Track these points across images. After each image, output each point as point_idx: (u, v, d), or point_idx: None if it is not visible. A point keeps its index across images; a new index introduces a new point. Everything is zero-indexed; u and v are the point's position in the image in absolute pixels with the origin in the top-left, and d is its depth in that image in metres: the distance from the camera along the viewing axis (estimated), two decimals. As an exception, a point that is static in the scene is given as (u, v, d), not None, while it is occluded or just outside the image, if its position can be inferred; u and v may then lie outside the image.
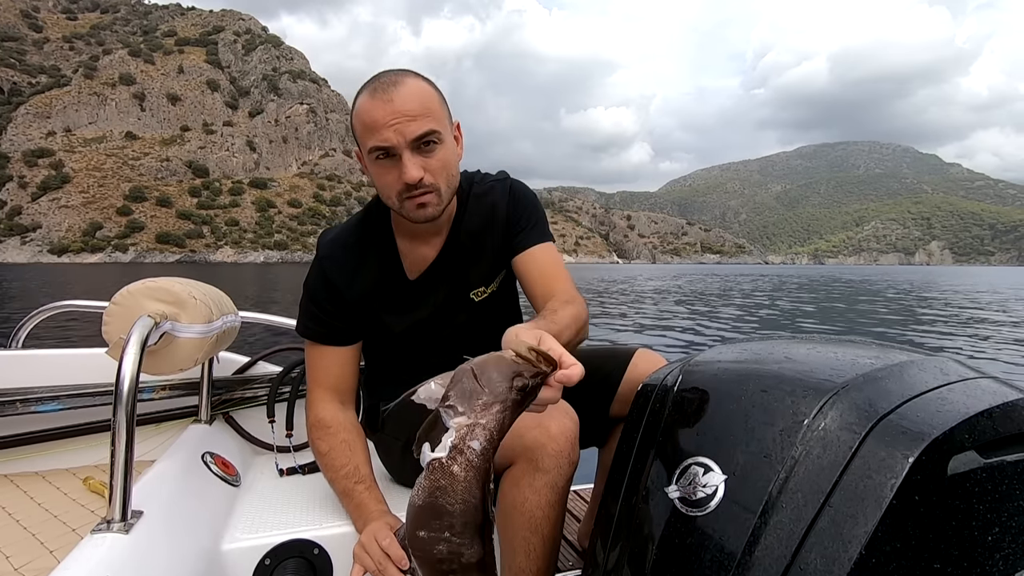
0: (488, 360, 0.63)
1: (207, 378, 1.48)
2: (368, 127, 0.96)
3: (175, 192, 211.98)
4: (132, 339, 0.91)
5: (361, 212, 1.19)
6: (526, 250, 1.15)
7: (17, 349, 1.74)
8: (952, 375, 0.72)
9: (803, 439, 0.65)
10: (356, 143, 1.03)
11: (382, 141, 0.95)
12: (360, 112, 0.98)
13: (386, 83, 0.96)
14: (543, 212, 1.20)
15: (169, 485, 1.08)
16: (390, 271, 1.15)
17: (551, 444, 0.92)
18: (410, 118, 0.94)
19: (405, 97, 0.95)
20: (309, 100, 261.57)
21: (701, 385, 0.80)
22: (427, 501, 0.59)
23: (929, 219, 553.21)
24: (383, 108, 0.94)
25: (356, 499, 1.07)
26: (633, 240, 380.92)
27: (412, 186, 0.98)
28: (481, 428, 0.60)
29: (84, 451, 1.48)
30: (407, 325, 1.18)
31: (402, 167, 0.96)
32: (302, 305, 1.17)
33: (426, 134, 0.96)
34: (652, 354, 1.17)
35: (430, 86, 1.00)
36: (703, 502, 0.69)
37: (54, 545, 1.08)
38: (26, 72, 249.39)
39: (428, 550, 0.60)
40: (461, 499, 0.58)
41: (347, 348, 1.17)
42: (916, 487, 0.59)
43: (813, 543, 0.60)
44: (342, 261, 1.14)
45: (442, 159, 0.99)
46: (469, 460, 0.59)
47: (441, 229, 1.15)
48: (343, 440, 1.11)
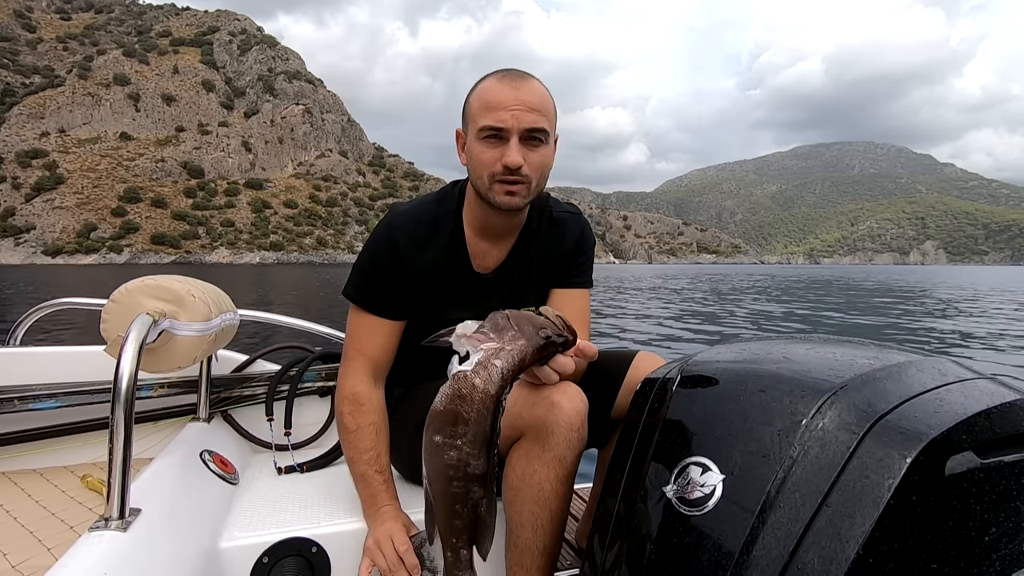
0: (521, 311, 0.74)
1: (205, 376, 1.48)
2: (488, 105, 1.01)
3: (170, 193, 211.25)
4: (131, 337, 0.91)
5: (437, 192, 1.21)
6: (569, 289, 1.23)
7: (15, 347, 1.73)
8: (950, 376, 0.72)
9: (801, 439, 0.66)
10: (463, 122, 1.08)
11: (498, 121, 1.00)
12: (483, 91, 1.03)
13: (516, 75, 1.03)
14: (593, 257, 1.28)
15: (167, 483, 1.08)
16: (457, 257, 1.16)
17: (562, 417, 0.93)
18: (529, 109, 1.01)
19: (530, 91, 1.02)
20: (305, 101, 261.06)
21: (700, 384, 0.80)
22: (447, 407, 0.66)
23: (924, 219, 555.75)
24: (509, 93, 1.01)
25: (372, 488, 1.07)
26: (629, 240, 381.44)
27: (510, 170, 1.01)
28: (506, 352, 0.68)
29: (82, 449, 1.48)
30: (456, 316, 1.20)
31: (507, 149, 1.01)
32: (358, 269, 1.16)
33: (538, 129, 1.02)
34: (653, 356, 1.18)
35: (549, 95, 1.07)
36: (701, 501, 0.69)
37: (52, 543, 1.08)
38: (20, 72, 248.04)
39: (439, 456, 0.67)
40: (477, 409, 0.65)
41: (393, 323, 1.16)
42: (914, 487, 0.59)
43: (811, 543, 0.60)
44: (413, 233, 1.14)
45: (542, 157, 1.05)
46: (490, 375, 0.66)
47: (510, 232, 1.18)
48: (372, 423, 1.11)
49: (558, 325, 0.72)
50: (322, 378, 1.62)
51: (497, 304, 1.20)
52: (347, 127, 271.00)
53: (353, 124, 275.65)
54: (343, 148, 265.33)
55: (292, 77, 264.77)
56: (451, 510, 0.68)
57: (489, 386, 0.66)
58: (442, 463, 0.66)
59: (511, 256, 1.19)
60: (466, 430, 0.65)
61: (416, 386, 1.25)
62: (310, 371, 1.60)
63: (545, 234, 1.21)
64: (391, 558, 0.95)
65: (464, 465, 0.66)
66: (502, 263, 1.19)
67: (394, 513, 1.05)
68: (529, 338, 0.69)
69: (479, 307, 1.19)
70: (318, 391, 1.63)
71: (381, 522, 1.03)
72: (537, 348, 0.70)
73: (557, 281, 1.23)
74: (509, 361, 0.67)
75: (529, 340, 0.69)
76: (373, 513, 1.06)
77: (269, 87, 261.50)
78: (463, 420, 0.65)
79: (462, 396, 0.65)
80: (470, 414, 0.65)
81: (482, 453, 0.66)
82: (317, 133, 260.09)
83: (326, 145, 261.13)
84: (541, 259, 1.21)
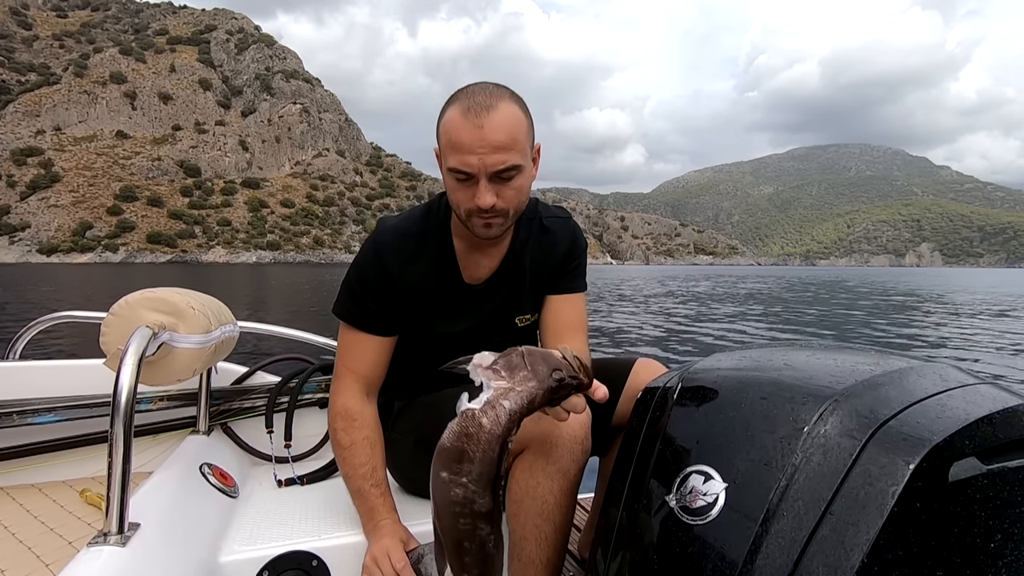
0: (538, 350, 0.74)
1: (205, 388, 1.47)
2: (453, 146, 0.96)
3: (166, 192, 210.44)
4: (130, 350, 0.90)
5: (424, 205, 1.19)
6: (565, 294, 1.22)
7: (15, 360, 1.72)
8: (952, 381, 0.72)
9: (803, 446, 0.65)
10: (438, 143, 1.03)
11: (464, 165, 0.96)
12: (448, 126, 0.97)
13: (480, 105, 0.95)
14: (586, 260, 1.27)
15: (166, 497, 1.07)
16: (446, 270, 1.15)
17: (566, 430, 0.92)
18: (495, 149, 0.94)
19: (496, 126, 0.94)
20: (302, 100, 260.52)
21: (701, 392, 0.79)
22: (454, 444, 0.66)
23: (919, 221, 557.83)
24: (472, 133, 0.94)
25: (369, 502, 1.07)
26: (627, 241, 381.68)
27: (483, 210, 0.99)
28: (515, 393, 0.68)
29: (81, 463, 1.47)
30: (449, 329, 1.18)
31: (478, 191, 0.97)
32: (346, 287, 1.15)
33: (508, 168, 0.97)
34: (653, 363, 1.18)
35: (521, 112, 1.00)
36: (704, 510, 0.68)
37: (50, 559, 1.07)
38: (15, 70, 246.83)
39: (445, 492, 0.66)
40: (483, 449, 0.65)
41: (383, 339, 1.15)
42: (917, 494, 0.59)
43: (815, 551, 0.60)
44: (400, 248, 1.13)
45: (517, 188, 1.01)
46: (498, 415, 0.66)
47: (500, 241, 1.16)
48: (366, 437, 1.10)
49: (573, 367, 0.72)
50: (322, 390, 1.61)
51: (490, 314, 1.20)
52: (344, 127, 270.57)
53: (351, 124, 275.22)
54: (340, 148, 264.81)
55: (289, 76, 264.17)
56: (459, 546, 0.69)
57: (495, 427, 0.66)
58: (448, 499, 0.66)
59: (503, 266, 1.18)
60: (471, 468, 0.65)
61: (416, 399, 1.25)
62: (310, 383, 1.60)
63: (536, 242, 1.20)
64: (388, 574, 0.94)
65: (470, 503, 0.66)
66: (494, 273, 1.18)
67: (392, 528, 1.04)
68: (541, 380, 0.69)
69: (472, 318, 1.19)
70: (318, 403, 1.62)
71: (379, 538, 1.03)
72: (548, 390, 0.70)
73: (551, 287, 1.22)
74: (518, 403, 0.68)
75: (541, 382, 0.69)
76: (371, 528, 1.06)
77: (266, 86, 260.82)
78: (468, 458, 0.65)
79: (468, 435, 0.66)
80: (475, 453, 0.65)
81: (487, 491, 0.66)
82: (314, 132, 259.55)
83: (323, 145, 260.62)
84: (534, 267, 1.20)
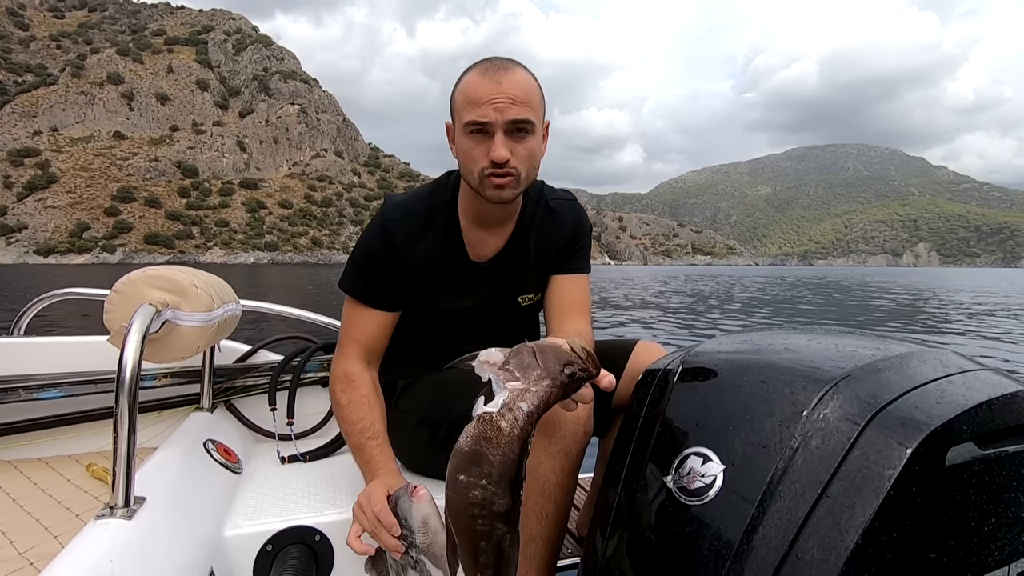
0: (547, 344, 0.73)
1: (208, 366, 1.48)
2: (471, 101, 1.00)
3: (164, 193, 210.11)
4: (134, 327, 0.91)
5: (430, 184, 1.22)
6: (569, 274, 1.24)
7: (19, 336, 1.74)
8: (952, 367, 0.72)
9: (802, 429, 0.66)
10: (451, 116, 1.07)
11: (481, 116, 0.99)
12: (465, 86, 1.02)
13: (497, 66, 1.01)
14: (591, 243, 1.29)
15: (171, 472, 1.08)
16: (453, 247, 1.17)
17: (569, 412, 0.92)
18: (512, 101, 0.99)
19: (513, 82, 1.00)
20: (300, 100, 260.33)
21: (701, 375, 0.80)
22: (472, 448, 0.66)
23: (916, 221, 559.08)
24: (490, 87, 0.99)
25: (367, 454, 1.07)
26: (625, 241, 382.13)
27: (497, 165, 1.01)
28: (531, 394, 0.68)
29: (87, 438, 1.48)
30: (453, 306, 1.20)
31: (493, 144, 1.00)
32: (353, 262, 1.17)
33: (523, 121, 1.00)
34: (653, 345, 1.19)
35: (535, 81, 1.05)
36: (701, 492, 0.69)
37: (58, 530, 1.08)
38: (12, 71, 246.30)
39: (464, 494, 0.66)
40: (502, 452, 0.65)
41: (387, 314, 1.17)
42: (914, 478, 0.59)
43: (811, 532, 0.60)
44: (408, 225, 1.15)
45: (530, 148, 1.04)
46: (516, 418, 0.66)
47: (506, 220, 1.18)
48: (364, 395, 1.12)
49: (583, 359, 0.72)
50: (324, 368, 1.63)
51: (494, 292, 1.21)
52: (342, 127, 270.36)
53: (348, 124, 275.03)
54: (338, 148, 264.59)
55: (287, 77, 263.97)
56: (475, 547, 0.68)
57: (514, 429, 0.66)
58: (467, 501, 0.66)
59: (508, 245, 1.20)
60: (491, 471, 0.65)
61: (419, 379, 1.26)
62: (312, 361, 1.61)
63: (542, 222, 1.22)
64: (370, 518, 0.94)
65: (489, 503, 0.66)
66: (499, 252, 1.20)
67: (384, 474, 1.03)
68: (554, 377, 0.69)
69: (476, 296, 1.20)
70: (320, 381, 1.64)
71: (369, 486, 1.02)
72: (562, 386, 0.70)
73: (556, 268, 1.24)
74: (535, 404, 0.68)
75: (554, 379, 0.69)
76: (370, 479, 1.04)
77: (264, 87, 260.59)
78: (488, 461, 0.65)
79: (488, 438, 0.66)
80: (495, 456, 0.65)
81: (507, 492, 0.66)
82: (312, 133, 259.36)
83: (321, 145, 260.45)
84: (539, 247, 1.22)
